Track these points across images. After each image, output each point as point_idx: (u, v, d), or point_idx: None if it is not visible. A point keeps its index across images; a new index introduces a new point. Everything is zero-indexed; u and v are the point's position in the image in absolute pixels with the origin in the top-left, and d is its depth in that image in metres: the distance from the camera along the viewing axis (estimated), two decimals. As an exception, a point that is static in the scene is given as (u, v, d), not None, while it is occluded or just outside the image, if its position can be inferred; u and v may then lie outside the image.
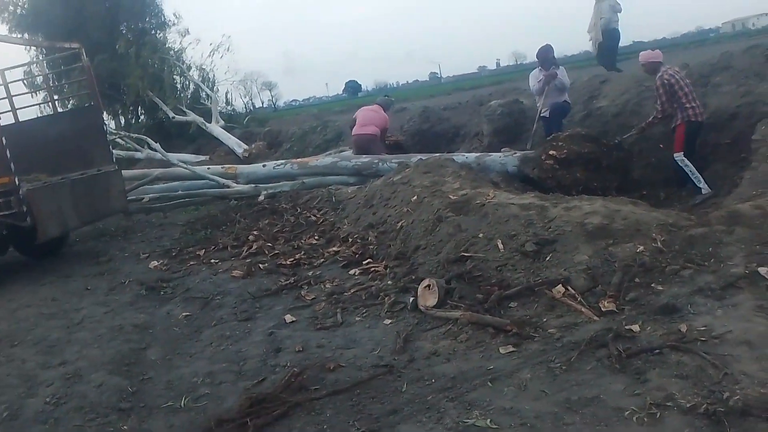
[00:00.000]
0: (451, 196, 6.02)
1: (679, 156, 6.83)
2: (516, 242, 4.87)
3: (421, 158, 8.03)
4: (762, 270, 3.93)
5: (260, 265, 6.19)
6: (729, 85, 8.05)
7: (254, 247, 6.85)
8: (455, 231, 5.40)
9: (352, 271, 5.57)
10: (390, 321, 4.37)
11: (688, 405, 2.72)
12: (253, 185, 9.74)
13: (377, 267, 5.46)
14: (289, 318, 4.69)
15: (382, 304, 4.66)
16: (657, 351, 3.25)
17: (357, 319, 4.51)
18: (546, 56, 8.62)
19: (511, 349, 3.59)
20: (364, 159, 9.23)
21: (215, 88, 20.32)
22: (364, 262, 5.67)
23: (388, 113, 10.62)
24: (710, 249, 4.41)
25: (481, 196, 5.81)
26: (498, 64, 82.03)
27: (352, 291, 5.02)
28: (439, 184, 6.54)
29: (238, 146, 15.11)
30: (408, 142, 11.34)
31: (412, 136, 11.81)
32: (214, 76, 20.56)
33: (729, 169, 6.85)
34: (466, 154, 8.42)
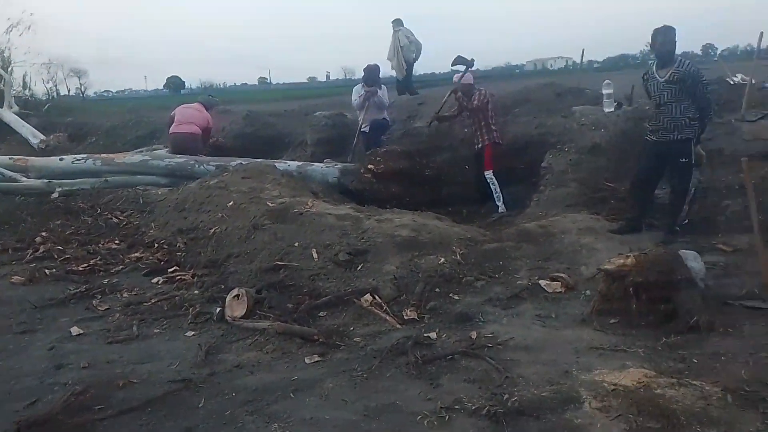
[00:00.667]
0: (269, 204, 5.92)
1: (488, 173, 7.40)
2: (330, 252, 4.93)
3: (241, 162, 7.80)
4: (542, 282, 4.43)
5: (46, 271, 5.47)
6: (526, 116, 9.03)
7: (41, 250, 6.05)
8: (271, 239, 5.30)
9: (155, 280, 5.17)
10: (193, 333, 4.12)
11: (473, 407, 2.92)
12: (46, 180, 8.62)
13: (184, 275, 5.13)
14: (76, 330, 4.19)
15: (186, 315, 4.38)
16: (450, 357, 3.46)
17: (156, 331, 4.17)
18: (371, 74, 8.90)
19: (317, 358, 3.59)
20: (179, 159, 8.69)
21: (10, 69, 17.81)
22: (169, 270, 5.29)
23: (211, 113, 10.14)
24: (501, 262, 4.87)
25: (300, 205, 5.80)
26: (328, 77, 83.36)
27: (152, 301, 4.64)
28: (258, 190, 6.40)
29: (33, 136, 13.31)
30: (229, 144, 10.95)
31: (234, 139, 11.43)
32: (10, 55, 18.05)
33: (522, 190, 7.65)
34: (289, 162, 8.37)
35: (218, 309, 4.28)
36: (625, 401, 2.80)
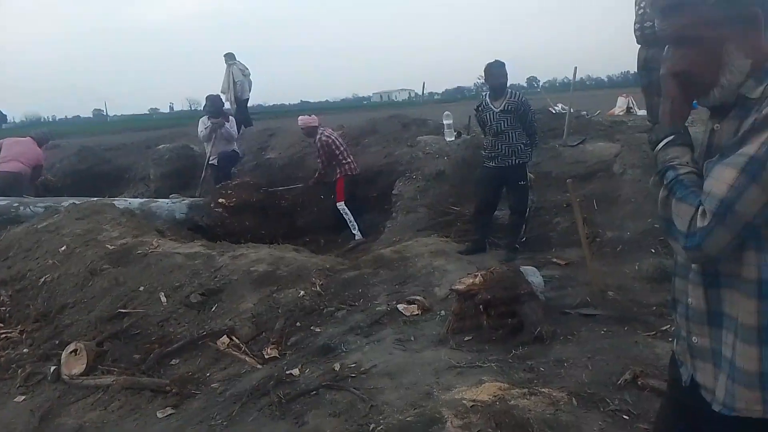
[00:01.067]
0: (108, 246, 5.44)
1: (341, 205, 7.54)
2: (180, 294, 4.63)
3: (74, 203, 7.10)
4: (400, 306, 4.52)
5: None
6: (376, 146, 9.33)
7: None
8: (112, 285, 4.87)
9: (-29, 341, 4.50)
10: (24, 397, 3.64)
11: (340, 441, 2.87)
12: None
13: (10, 333, 4.52)
14: None
15: (14, 378, 3.85)
16: (314, 392, 3.38)
17: (-26, 401, 3.62)
18: (213, 105, 8.64)
19: (170, 411, 3.33)
20: (1, 202, 7.73)
21: None
22: (-10, 328, 4.64)
23: (42, 149, 9.16)
24: (360, 290, 4.90)
25: (144, 245, 5.40)
26: (171, 108, 79.84)
27: (-31, 366, 4.03)
28: (95, 232, 5.86)
29: None
30: (60, 183, 9.98)
31: (66, 177, 10.46)
32: None
33: (376, 217, 7.84)
34: (130, 200, 7.79)
35: (53, 368, 3.81)
36: (483, 416, 2.91)
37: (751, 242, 1.15)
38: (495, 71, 5.49)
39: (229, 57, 11.57)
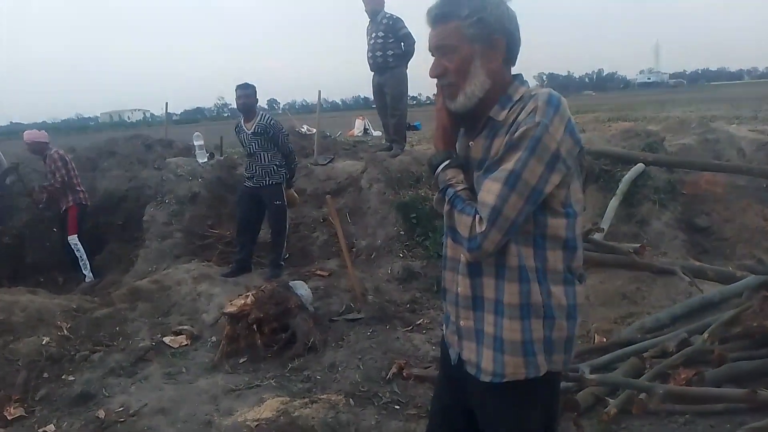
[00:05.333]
0: None
1: (73, 239, 6.54)
2: None
3: None
4: (166, 339, 4.28)
5: None
6: (117, 169, 8.56)
7: None
8: None
9: None
10: None
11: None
12: None
13: None
14: None
15: None
16: (77, 447, 3.03)
17: None
18: None
19: None
20: None
21: None
22: None
23: None
24: (117, 328, 4.50)
25: None
26: None
27: None
28: None
29: None
30: None
31: None
32: None
33: (124, 247, 7.20)
34: None
35: None
36: (269, 433, 2.96)
37: (512, 236, 1.43)
38: (239, 92, 5.54)
39: None
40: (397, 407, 3.19)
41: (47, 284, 6.22)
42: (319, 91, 8.89)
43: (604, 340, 3.73)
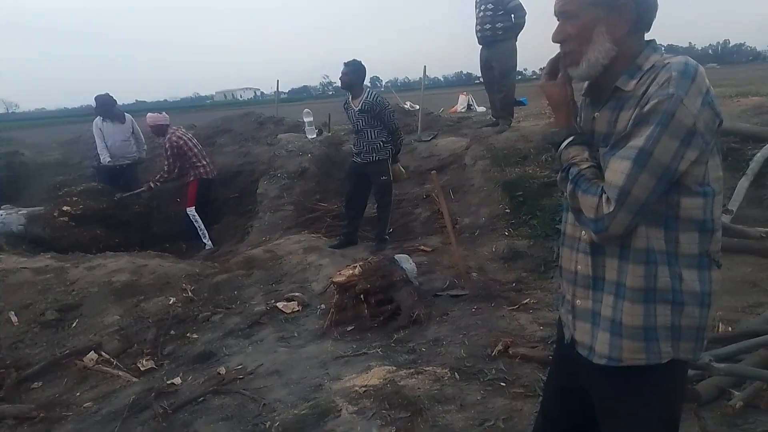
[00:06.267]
0: (-67, 266, 4.75)
1: (190, 211, 7.09)
2: (33, 312, 4.21)
3: None
4: (279, 304, 4.51)
5: None
6: (232, 145, 9.08)
7: None
8: (-56, 309, 4.27)
9: None
10: None
11: (236, 444, 2.83)
12: None
13: None
14: None
15: None
16: (201, 399, 3.29)
17: None
18: (105, 106, 7.55)
19: (37, 439, 3.03)
20: None
21: None
22: None
23: None
24: (235, 292, 4.80)
25: (-20, 262, 4.80)
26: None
27: None
28: None
29: None
30: None
31: None
32: None
33: (239, 219, 7.65)
34: (-48, 213, 6.81)
35: None
36: (376, 400, 3.04)
37: (641, 218, 1.36)
38: (344, 69, 5.62)
39: None
40: (503, 384, 3.16)
41: (172, 250, 6.74)
42: (425, 67, 8.84)
43: (730, 329, 3.48)
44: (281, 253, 5.40)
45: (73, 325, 4.13)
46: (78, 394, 3.47)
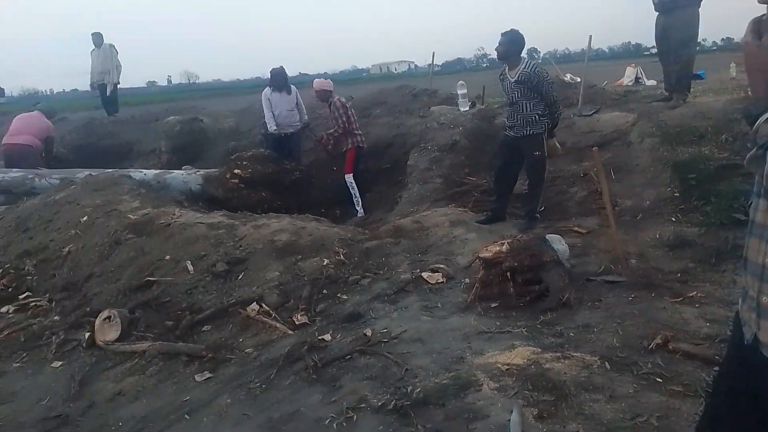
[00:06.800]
0: (130, 216, 5.47)
1: (349, 177, 7.51)
2: (206, 263, 4.68)
3: (90, 174, 7.11)
4: (424, 274, 4.57)
5: None
6: (386, 117, 9.29)
7: None
8: (137, 254, 4.91)
9: (3, 309, 4.56)
10: (60, 363, 3.70)
11: (379, 404, 2.93)
12: None
13: (39, 301, 4.58)
14: None
15: (49, 345, 3.92)
16: (348, 357, 3.45)
17: (15, 365, 3.69)
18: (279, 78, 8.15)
19: (208, 375, 3.39)
20: (16, 174, 7.73)
21: None
22: (20, 297, 4.69)
23: (51, 122, 9.14)
24: (383, 259, 4.95)
25: (166, 215, 5.43)
26: (169, 81, 79.12)
27: (5, 333, 4.09)
28: (115, 202, 5.89)
29: None
30: (69, 157, 9.96)
31: (73, 151, 10.43)
32: None
33: (389, 189, 7.86)
34: (145, 171, 7.79)
35: (87, 334, 3.87)
36: (519, 379, 2.98)
37: None
38: (508, 39, 5.40)
39: (98, 37, 11.26)
40: (659, 380, 2.93)
41: (327, 215, 7.10)
42: (590, 36, 8.24)
43: None
44: (428, 224, 5.46)
45: (240, 277, 4.53)
46: (241, 339, 3.82)
